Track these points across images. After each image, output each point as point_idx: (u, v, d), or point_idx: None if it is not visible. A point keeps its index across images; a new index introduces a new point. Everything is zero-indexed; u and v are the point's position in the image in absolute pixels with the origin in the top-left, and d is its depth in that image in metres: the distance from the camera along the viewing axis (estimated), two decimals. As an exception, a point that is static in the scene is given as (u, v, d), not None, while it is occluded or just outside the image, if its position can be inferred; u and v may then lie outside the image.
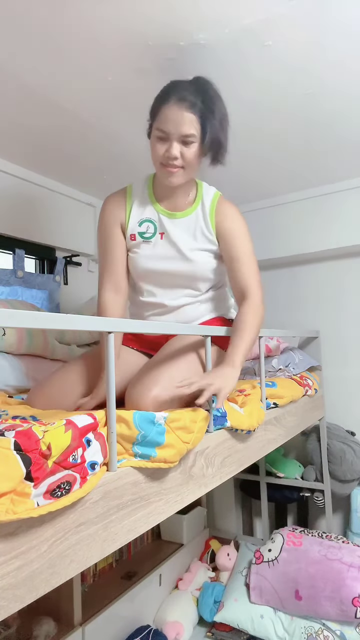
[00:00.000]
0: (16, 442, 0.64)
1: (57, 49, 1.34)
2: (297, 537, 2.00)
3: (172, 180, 1.21)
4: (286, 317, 2.69)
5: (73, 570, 0.70)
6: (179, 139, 1.14)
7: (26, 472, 0.62)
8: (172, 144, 1.14)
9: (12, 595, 0.60)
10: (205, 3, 1.18)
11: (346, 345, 2.53)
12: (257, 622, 1.83)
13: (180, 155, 1.16)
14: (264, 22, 1.25)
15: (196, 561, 2.35)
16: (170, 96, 1.12)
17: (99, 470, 0.77)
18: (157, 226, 1.34)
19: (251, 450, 1.38)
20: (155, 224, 1.34)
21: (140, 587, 1.91)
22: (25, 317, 0.68)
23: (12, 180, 2.02)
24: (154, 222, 1.34)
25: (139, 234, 1.34)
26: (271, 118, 1.76)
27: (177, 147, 1.14)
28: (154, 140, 1.17)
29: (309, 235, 2.49)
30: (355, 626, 1.69)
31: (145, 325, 1.10)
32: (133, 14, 1.21)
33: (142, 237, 1.34)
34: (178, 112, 1.11)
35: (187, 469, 1.03)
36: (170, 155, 1.15)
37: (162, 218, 1.34)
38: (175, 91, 1.13)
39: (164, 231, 1.34)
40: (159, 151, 1.16)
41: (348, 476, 2.24)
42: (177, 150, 1.14)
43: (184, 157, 1.16)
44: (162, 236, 1.34)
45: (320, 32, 1.31)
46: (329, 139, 1.94)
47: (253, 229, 2.66)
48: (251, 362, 2.09)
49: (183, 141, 1.15)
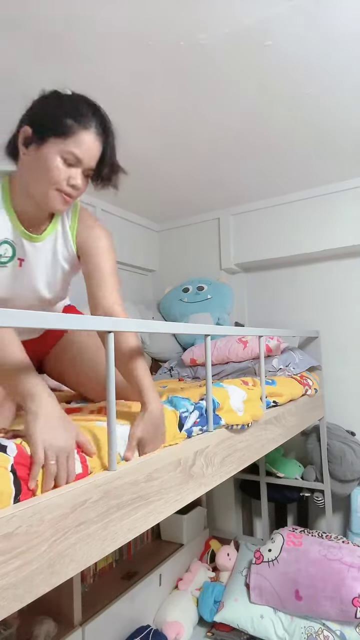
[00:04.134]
0: (13, 467, 0.66)
1: (57, 49, 1.34)
2: (297, 537, 2.00)
3: (61, 209, 1.03)
4: (286, 317, 2.70)
5: (73, 569, 0.70)
6: (85, 171, 1.01)
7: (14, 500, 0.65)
8: (79, 174, 0.99)
9: (12, 595, 0.60)
10: (205, 3, 1.19)
11: (346, 345, 2.53)
12: (257, 622, 1.83)
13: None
14: (264, 22, 1.25)
15: (196, 561, 2.35)
16: (92, 123, 0.98)
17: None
18: (16, 250, 1.07)
19: (251, 449, 1.38)
20: (14, 247, 1.07)
21: (140, 587, 1.91)
22: (25, 317, 0.68)
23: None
24: (13, 245, 1.07)
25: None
26: (271, 118, 1.77)
27: (81, 179, 1.00)
28: (55, 161, 0.95)
29: (309, 235, 2.49)
30: (355, 626, 1.69)
31: (143, 324, 1.10)
32: (133, 14, 1.22)
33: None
34: (95, 143, 0.98)
35: (187, 468, 1.03)
36: (74, 184, 0.99)
37: (24, 241, 1.08)
38: (97, 118, 0.99)
39: (24, 258, 1.09)
40: (61, 175, 0.96)
41: (348, 476, 2.24)
42: (81, 182, 1.00)
43: (80, 189, 1.02)
44: (21, 263, 1.09)
45: (320, 32, 1.31)
46: (329, 139, 1.94)
47: (253, 229, 2.68)
48: (252, 361, 2.09)
49: (86, 174, 1.02)
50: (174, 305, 2.66)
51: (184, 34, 1.29)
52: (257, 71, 1.47)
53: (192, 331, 1.21)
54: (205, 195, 2.55)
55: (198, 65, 1.44)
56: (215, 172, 2.24)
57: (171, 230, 3.03)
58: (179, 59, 1.40)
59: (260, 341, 1.56)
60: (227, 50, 1.37)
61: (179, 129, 1.83)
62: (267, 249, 2.64)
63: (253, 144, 1.97)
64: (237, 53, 1.38)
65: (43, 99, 1.01)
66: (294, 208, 2.55)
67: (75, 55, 1.36)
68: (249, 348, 2.09)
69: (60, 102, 0.98)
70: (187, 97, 1.61)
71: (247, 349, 2.09)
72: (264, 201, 2.63)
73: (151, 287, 3.06)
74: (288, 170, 2.25)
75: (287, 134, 1.89)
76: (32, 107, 1.02)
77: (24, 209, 1.06)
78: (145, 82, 1.52)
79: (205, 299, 2.59)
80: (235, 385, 1.39)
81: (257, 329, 1.63)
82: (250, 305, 2.88)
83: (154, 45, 1.33)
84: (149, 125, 1.79)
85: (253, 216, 2.70)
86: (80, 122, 0.96)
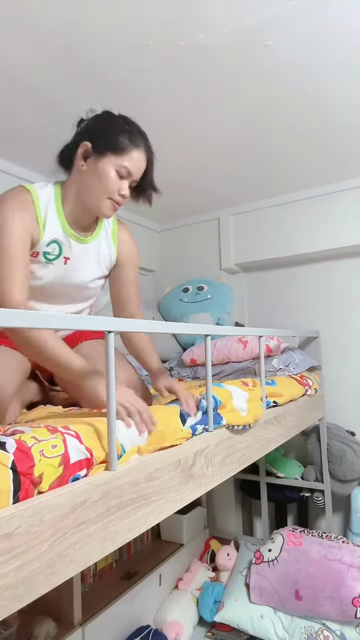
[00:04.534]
0: (13, 462, 0.66)
1: (57, 49, 1.34)
2: (297, 537, 2.00)
3: (110, 215, 1.19)
4: (286, 317, 2.70)
5: (73, 569, 0.70)
6: (131, 183, 1.17)
7: (13, 498, 0.65)
8: (127, 185, 1.15)
9: (12, 595, 0.60)
10: (205, 3, 1.19)
11: (346, 345, 2.53)
12: (257, 622, 1.83)
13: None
14: (264, 22, 1.25)
15: (196, 561, 2.35)
16: (141, 142, 1.14)
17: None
18: (62, 249, 1.21)
19: (251, 449, 1.38)
20: (61, 246, 1.20)
21: (140, 587, 1.91)
22: (25, 317, 0.68)
23: (13, 181, 2.03)
24: (60, 244, 1.20)
25: (44, 254, 1.19)
26: (271, 118, 1.77)
27: (128, 190, 1.17)
28: (112, 173, 1.11)
29: (309, 235, 2.49)
30: (355, 626, 1.69)
31: (144, 324, 1.10)
32: (133, 14, 1.22)
33: (45, 258, 1.19)
34: (142, 160, 1.15)
35: (187, 468, 1.03)
36: (124, 194, 1.15)
37: (72, 242, 1.21)
38: (143, 139, 1.15)
39: (70, 257, 1.22)
40: (115, 186, 1.13)
41: (348, 476, 2.24)
42: (128, 193, 1.17)
43: (127, 199, 1.19)
44: (66, 261, 1.22)
45: (320, 32, 1.31)
46: (329, 139, 1.94)
47: (253, 229, 2.68)
48: (251, 361, 2.10)
49: (131, 186, 1.18)
50: (174, 305, 2.66)
51: (184, 34, 1.29)
52: (257, 71, 1.47)
53: (192, 331, 1.21)
54: (205, 196, 2.55)
55: (198, 65, 1.44)
56: (215, 172, 2.24)
57: (171, 231, 3.03)
58: (179, 59, 1.40)
59: (260, 341, 1.56)
60: (227, 50, 1.37)
61: (178, 129, 1.83)
62: (267, 249, 2.64)
63: (253, 144, 1.97)
64: (237, 53, 1.38)
65: (98, 118, 1.16)
66: (294, 208, 2.55)
67: (76, 55, 1.36)
68: (249, 348, 2.09)
69: (113, 121, 1.14)
70: (187, 97, 1.61)
71: (247, 349, 2.09)
72: (264, 201, 2.63)
73: (151, 287, 3.06)
74: (288, 170, 2.25)
75: (287, 134, 1.89)
76: (88, 124, 1.17)
77: (73, 214, 1.20)
78: (145, 82, 1.52)
79: (205, 299, 2.59)
80: (236, 386, 1.39)
81: (257, 329, 1.63)
82: (250, 305, 2.88)
83: (154, 45, 1.33)
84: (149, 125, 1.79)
85: (253, 216, 2.70)
86: (133, 141, 1.12)
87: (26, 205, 1.12)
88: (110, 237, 1.30)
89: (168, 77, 1.49)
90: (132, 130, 1.14)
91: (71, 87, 1.51)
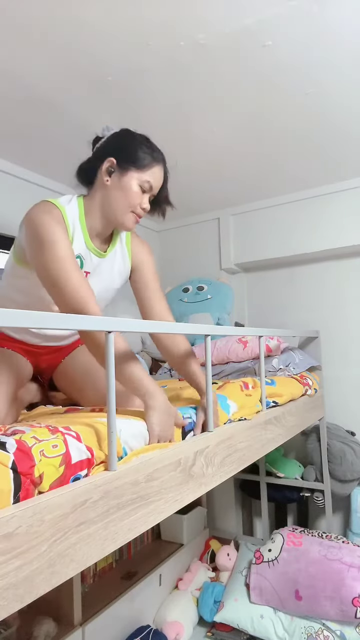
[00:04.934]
0: (14, 462, 0.66)
1: (57, 49, 1.34)
2: (297, 537, 2.00)
3: (132, 228, 1.23)
4: (286, 317, 2.70)
5: (73, 569, 0.70)
6: (151, 197, 1.21)
7: (13, 498, 0.65)
8: (147, 199, 1.20)
9: (12, 595, 0.60)
10: (205, 3, 1.19)
11: (346, 345, 2.53)
12: (257, 622, 1.83)
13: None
14: (264, 22, 1.25)
15: (196, 561, 2.35)
16: (160, 158, 1.19)
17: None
18: (84, 264, 1.23)
19: (251, 449, 1.38)
20: (83, 261, 1.22)
21: (140, 587, 1.91)
22: (25, 317, 0.68)
23: (13, 181, 2.03)
24: (82, 259, 1.22)
25: None
26: (271, 118, 1.77)
27: (148, 204, 1.21)
28: (135, 187, 1.16)
29: (309, 235, 2.49)
30: (355, 626, 1.69)
31: (144, 324, 1.10)
32: (133, 14, 1.22)
33: None
34: (162, 175, 1.20)
35: (187, 468, 1.03)
36: (145, 208, 1.20)
37: (92, 256, 1.24)
38: (161, 155, 1.20)
39: (90, 271, 1.25)
40: (137, 199, 1.17)
41: (348, 476, 2.24)
42: (149, 206, 1.21)
43: (147, 211, 1.23)
44: (87, 275, 1.24)
45: (320, 32, 1.31)
46: (329, 139, 1.94)
47: (253, 229, 2.68)
48: (252, 361, 2.09)
49: (149, 199, 1.22)
50: (174, 305, 2.66)
51: (184, 34, 1.29)
52: (257, 71, 1.47)
53: (192, 331, 1.21)
54: (205, 196, 2.55)
55: (198, 65, 1.44)
56: (215, 172, 2.24)
57: (171, 230, 3.02)
58: (179, 59, 1.40)
59: (260, 341, 1.56)
60: (227, 50, 1.37)
61: (178, 128, 1.83)
62: (267, 249, 2.64)
63: (253, 144, 1.97)
64: (237, 53, 1.38)
65: (119, 136, 1.20)
66: (294, 208, 2.55)
67: (76, 55, 1.36)
68: (249, 348, 2.09)
69: (135, 139, 1.18)
70: (187, 97, 1.61)
71: (247, 349, 2.09)
72: (264, 201, 2.63)
73: (151, 287, 3.06)
74: (288, 170, 2.25)
75: (286, 134, 1.89)
76: (109, 142, 1.20)
77: (95, 228, 1.22)
78: (145, 82, 1.52)
79: (205, 299, 2.59)
80: (234, 392, 1.38)
81: (257, 329, 1.63)
82: (250, 305, 2.88)
83: (154, 45, 1.33)
84: (149, 126, 1.79)
85: (253, 216, 2.70)
86: (154, 157, 1.17)
87: (61, 222, 1.13)
88: (125, 247, 1.32)
89: (168, 77, 1.49)
90: (152, 147, 1.19)
91: (71, 87, 1.51)
